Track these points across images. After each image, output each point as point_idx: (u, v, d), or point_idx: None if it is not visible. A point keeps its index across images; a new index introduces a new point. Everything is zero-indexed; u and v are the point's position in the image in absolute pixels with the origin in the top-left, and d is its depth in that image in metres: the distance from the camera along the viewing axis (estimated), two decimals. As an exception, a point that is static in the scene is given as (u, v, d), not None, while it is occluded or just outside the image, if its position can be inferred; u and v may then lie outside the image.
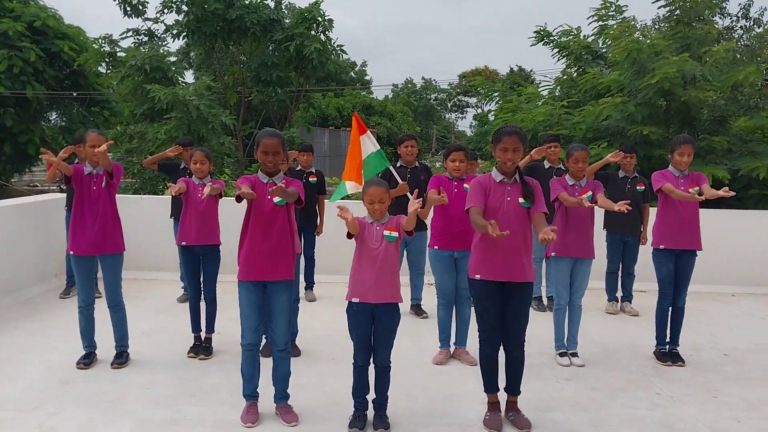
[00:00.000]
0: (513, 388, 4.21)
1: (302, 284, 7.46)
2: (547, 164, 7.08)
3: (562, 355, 5.43)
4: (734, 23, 14.24)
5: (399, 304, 4.01)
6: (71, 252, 4.94)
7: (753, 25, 16.50)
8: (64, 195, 7.52)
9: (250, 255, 4.01)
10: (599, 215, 7.28)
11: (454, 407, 4.42)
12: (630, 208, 4.86)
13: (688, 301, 5.54)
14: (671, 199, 5.29)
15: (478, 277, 4.06)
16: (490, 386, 4.21)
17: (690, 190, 5.23)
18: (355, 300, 3.96)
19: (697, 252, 5.42)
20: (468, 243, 4.47)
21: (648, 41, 10.53)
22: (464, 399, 4.56)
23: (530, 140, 10.50)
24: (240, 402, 4.17)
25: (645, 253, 5.63)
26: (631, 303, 7.20)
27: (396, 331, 4.03)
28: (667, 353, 5.51)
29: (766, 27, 21.80)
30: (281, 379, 4.19)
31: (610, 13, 12.40)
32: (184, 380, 4.77)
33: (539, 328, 6.33)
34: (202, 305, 5.51)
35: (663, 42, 10.40)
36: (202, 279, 5.50)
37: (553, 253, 5.39)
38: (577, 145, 5.46)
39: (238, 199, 3.87)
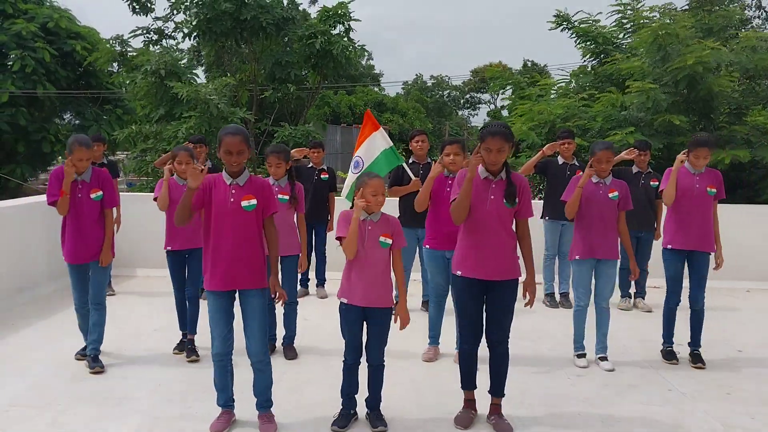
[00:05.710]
0: (496, 389, 4.10)
1: (313, 281, 7.47)
2: (560, 160, 7.04)
3: (579, 356, 5.26)
4: (749, 11, 14.01)
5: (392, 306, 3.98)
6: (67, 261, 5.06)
7: None
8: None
9: (216, 262, 3.76)
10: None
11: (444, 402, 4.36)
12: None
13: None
14: (682, 199, 5.23)
15: (459, 273, 4.00)
16: (467, 383, 4.15)
17: (708, 189, 5.20)
18: (343, 300, 3.94)
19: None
20: None
21: (672, 27, 10.15)
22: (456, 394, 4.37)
23: (547, 133, 10.38)
24: (250, 398, 4.17)
25: (658, 250, 5.54)
26: (644, 299, 7.14)
27: (388, 332, 3.96)
28: (692, 355, 5.33)
29: None
30: (261, 391, 3.97)
31: (628, 3, 12.24)
32: (195, 377, 4.78)
33: (552, 324, 6.32)
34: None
35: (685, 31, 10.10)
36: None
37: (576, 257, 5.18)
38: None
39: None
